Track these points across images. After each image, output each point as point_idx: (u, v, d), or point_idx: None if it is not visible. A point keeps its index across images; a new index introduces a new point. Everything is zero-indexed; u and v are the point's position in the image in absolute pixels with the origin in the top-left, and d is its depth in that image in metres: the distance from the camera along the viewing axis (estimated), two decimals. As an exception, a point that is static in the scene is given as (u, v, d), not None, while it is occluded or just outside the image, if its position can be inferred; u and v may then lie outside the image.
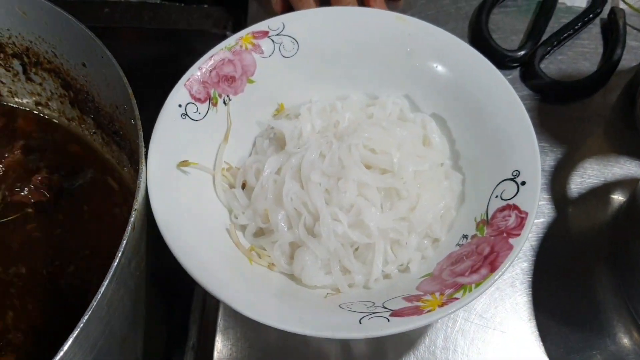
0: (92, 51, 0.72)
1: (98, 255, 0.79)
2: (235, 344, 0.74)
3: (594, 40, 0.99)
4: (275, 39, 0.79)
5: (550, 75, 0.93)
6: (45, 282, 0.77)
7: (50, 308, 0.75)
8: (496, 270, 0.60)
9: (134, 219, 0.58)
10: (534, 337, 0.74)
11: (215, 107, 0.76)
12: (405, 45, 0.80)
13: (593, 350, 0.73)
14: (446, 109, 0.79)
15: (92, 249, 0.79)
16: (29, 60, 0.85)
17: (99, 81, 0.77)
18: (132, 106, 0.66)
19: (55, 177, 0.83)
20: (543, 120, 0.90)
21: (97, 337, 0.56)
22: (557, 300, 0.76)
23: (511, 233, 0.63)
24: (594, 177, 0.86)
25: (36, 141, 0.88)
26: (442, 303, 0.59)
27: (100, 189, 0.85)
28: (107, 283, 0.53)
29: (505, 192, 0.68)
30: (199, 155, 0.73)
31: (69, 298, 0.75)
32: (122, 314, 0.61)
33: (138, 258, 0.62)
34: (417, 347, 0.73)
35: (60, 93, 0.88)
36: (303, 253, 0.68)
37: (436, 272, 0.66)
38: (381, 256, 0.68)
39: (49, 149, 0.88)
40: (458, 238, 0.69)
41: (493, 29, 0.99)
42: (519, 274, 0.78)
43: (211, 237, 0.68)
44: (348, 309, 0.62)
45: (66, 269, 0.77)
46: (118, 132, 0.81)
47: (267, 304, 0.62)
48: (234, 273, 0.66)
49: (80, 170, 0.86)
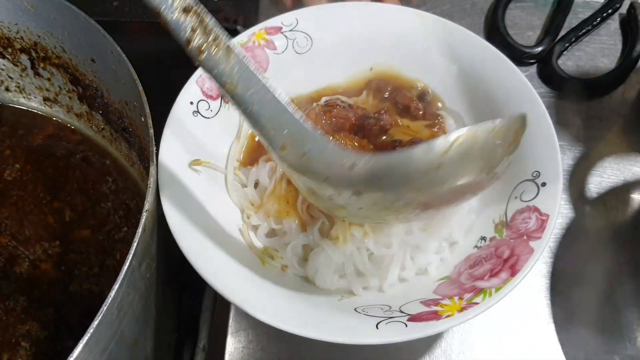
0: (101, 47, 0.71)
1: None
2: (247, 346, 0.72)
3: (612, 36, 0.97)
4: (289, 35, 0.78)
5: (568, 72, 0.91)
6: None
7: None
8: (517, 274, 0.59)
9: (144, 220, 0.56)
10: (553, 341, 0.72)
11: (227, 104, 0.74)
12: (421, 41, 0.78)
13: (613, 354, 0.72)
14: (463, 106, 0.77)
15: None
16: (37, 55, 0.84)
17: (108, 77, 0.76)
18: (143, 103, 0.65)
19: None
20: (560, 118, 0.88)
21: (107, 341, 0.54)
22: (575, 303, 0.75)
23: (532, 236, 0.62)
24: (613, 177, 0.84)
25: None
26: (461, 308, 0.58)
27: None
28: (117, 287, 0.52)
29: (525, 193, 0.66)
30: (211, 154, 0.71)
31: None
32: (132, 317, 0.59)
33: (149, 260, 0.61)
34: (433, 351, 0.71)
35: (69, 88, 0.86)
36: (317, 255, 0.67)
37: (454, 275, 0.65)
38: (399, 263, 0.66)
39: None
40: (476, 240, 0.68)
41: (509, 24, 0.97)
42: (537, 277, 0.76)
43: (223, 237, 0.67)
44: (364, 313, 0.61)
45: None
46: (127, 129, 0.80)
47: (280, 307, 0.61)
48: (247, 275, 0.64)
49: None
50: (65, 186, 0.83)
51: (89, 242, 0.79)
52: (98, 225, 0.80)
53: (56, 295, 0.75)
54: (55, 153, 0.87)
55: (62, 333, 0.72)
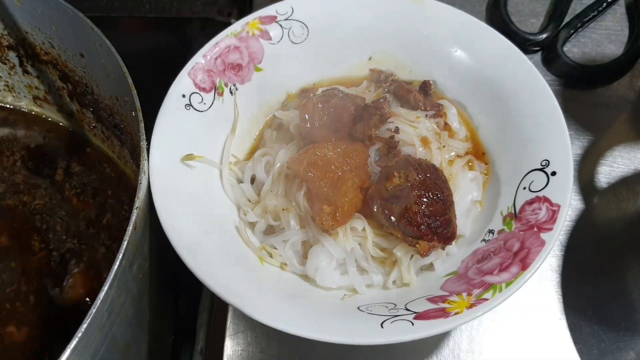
0: (90, 40, 0.68)
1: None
2: (246, 348, 0.69)
3: (619, 22, 0.94)
4: (284, 24, 0.75)
5: (574, 59, 0.88)
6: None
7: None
8: (528, 267, 0.56)
9: (135, 217, 0.54)
10: (566, 338, 0.69)
11: (221, 97, 0.72)
12: (422, 28, 0.75)
13: (629, 350, 0.69)
14: (467, 95, 0.75)
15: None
16: (25, 52, 0.81)
17: (98, 72, 0.73)
18: (133, 97, 0.62)
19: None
20: (567, 106, 0.85)
21: (97, 345, 0.52)
22: (587, 298, 0.72)
23: (542, 227, 0.59)
24: (623, 166, 0.81)
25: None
26: (470, 304, 0.55)
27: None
28: (106, 288, 0.49)
29: (534, 183, 0.63)
30: (205, 149, 0.69)
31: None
32: (124, 320, 0.56)
33: (141, 260, 0.58)
34: (441, 350, 0.69)
35: (59, 86, 0.84)
36: (317, 252, 0.64)
37: (461, 270, 0.62)
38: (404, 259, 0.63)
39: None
40: (483, 233, 0.65)
41: (512, 11, 0.94)
42: (547, 271, 0.73)
43: (219, 235, 0.64)
44: (368, 312, 0.58)
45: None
46: (118, 126, 0.77)
47: (280, 308, 0.58)
48: (245, 274, 0.61)
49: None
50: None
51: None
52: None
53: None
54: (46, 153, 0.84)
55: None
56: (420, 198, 0.60)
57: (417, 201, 0.60)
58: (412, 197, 0.60)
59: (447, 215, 0.62)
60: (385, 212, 0.61)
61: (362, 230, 0.65)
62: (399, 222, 0.61)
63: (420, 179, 0.61)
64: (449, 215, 0.62)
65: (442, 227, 0.61)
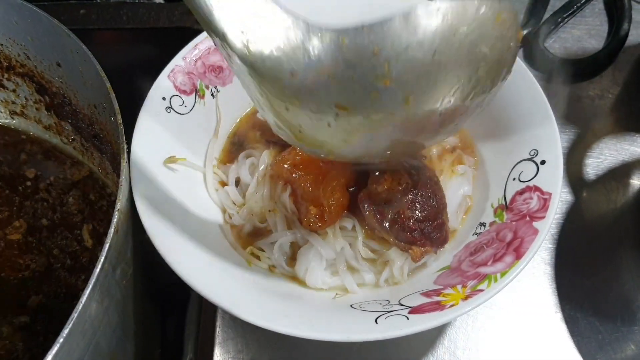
0: (66, 48, 0.67)
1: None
2: (236, 356, 0.67)
3: (598, 16, 0.94)
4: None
5: (556, 55, 0.88)
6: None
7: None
8: (523, 256, 0.54)
9: (116, 219, 0.52)
10: (562, 331, 0.68)
11: (202, 99, 0.70)
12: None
13: (627, 341, 0.67)
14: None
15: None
16: (1, 65, 0.79)
17: (75, 80, 0.72)
18: (112, 101, 0.60)
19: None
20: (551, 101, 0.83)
21: (80, 354, 0.49)
22: (583, 290, 0.71)
23: (535, 216, 0.58)
24: (610, 158, 0.80)
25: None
26: (465, 296, 0.53)
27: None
28: (88, 292, 0.47)
29: (524, 173, 0.62)
30: (188, 151, 0.67)
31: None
32: (108, 327, 0.54)
33: (124, 264, 0.56)
34: (436, 348, 0.67)
35: (36, 99, 0.82)
36: (306, 252, 0.62)
37: (454, 264, 0.60)
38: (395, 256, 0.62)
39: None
40: (475, 226, 0.64)
41: (491, 10, 0.94)
42: (539, 264, 0.72)
43: (205, 238, 0.62)
44: (361, 309, 0.56)
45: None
46: (98, 136, 0.75)
47: (270, 308, 0.56)
48: (232, 277, 0.60)
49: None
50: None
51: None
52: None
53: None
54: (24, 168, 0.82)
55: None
56: (413, 203, 0.59)
57: (409, 206, 0.59)
58: (404, 202, 0.59)
59: (440, 220, 0.60)
60: (377, 216, 0.60)
61: (351, 230, 0.63)
62: (391, 228, 0.59)
63: (413, 182, 0.60)
64: (442, 220, 0.61)
65: (435, 231, 0.60)
